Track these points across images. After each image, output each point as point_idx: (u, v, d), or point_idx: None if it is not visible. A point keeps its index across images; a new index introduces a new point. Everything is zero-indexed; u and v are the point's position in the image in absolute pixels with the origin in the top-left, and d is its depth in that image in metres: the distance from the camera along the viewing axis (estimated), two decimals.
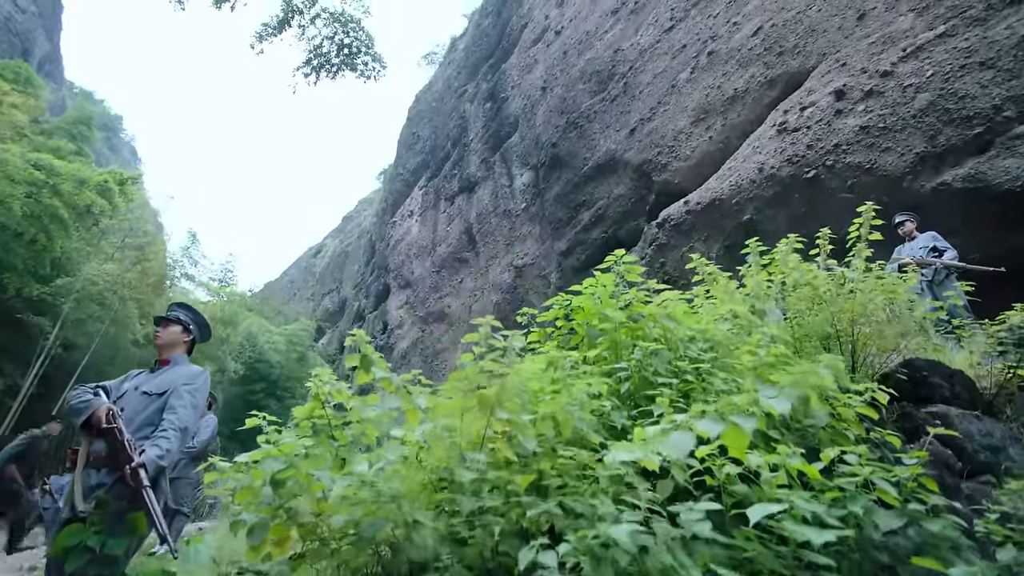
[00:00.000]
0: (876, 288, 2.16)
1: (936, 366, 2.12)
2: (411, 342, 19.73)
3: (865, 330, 2.11)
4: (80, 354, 12.39)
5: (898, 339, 2.13)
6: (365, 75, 7.78)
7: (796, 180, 8.03)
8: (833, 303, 2.10)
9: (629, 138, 11.17)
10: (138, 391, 2.80)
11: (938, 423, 1.85)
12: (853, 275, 2.16)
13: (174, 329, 3.12)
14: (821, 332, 2.12)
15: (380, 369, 1.28)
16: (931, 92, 6.84)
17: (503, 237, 15.80)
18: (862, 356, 2.17)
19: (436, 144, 20.58)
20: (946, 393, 2.05)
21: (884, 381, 2.09)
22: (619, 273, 2.17)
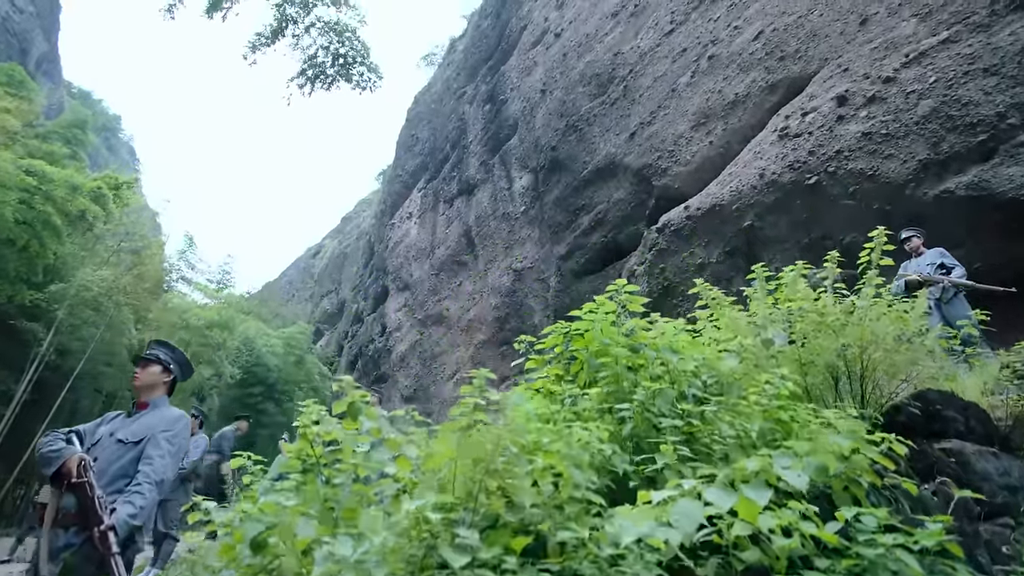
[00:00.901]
0: (886, 315, 2.09)
1: (950, 398, 2.05)
2: (409, 345, 19.66)
3: (874, 356, 2.04)
4: (75, 360, 12.30)
5: (909, 366, 2.06)
6: (361, 86, 7.66)
7: (797, 186, 7.96)
8: (842, 333, 2.03)
9: (629, 142, 11.10)
10: (113, 438, 2.64)
11: (953, 461, 1.79)
12: (863, 303, 2.08)
13: (153, 370, 2.97)
14: (829, 361, 2.04)
15: (368, 418, 1.21)
16: (934, 98, 6.77)
17: (502, 240, 15.73)
18: (871, 383, 2.10)
19: (435, 146, 20.51)
20: (960, 427, 1.98)
21: (895, 413, 2.02)
22: (621, 303, 2.09)
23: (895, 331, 2.06)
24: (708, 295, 2.71)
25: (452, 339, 17.82)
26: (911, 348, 2.08)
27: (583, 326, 2.10)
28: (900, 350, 2.04)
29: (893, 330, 2.06)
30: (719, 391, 1.76)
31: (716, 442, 1.46)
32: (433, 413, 18.52)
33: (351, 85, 7.70)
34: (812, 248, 8.31)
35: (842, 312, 2.09)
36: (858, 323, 2.01)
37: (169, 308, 15.39)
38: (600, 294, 9.32)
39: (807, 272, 7.61)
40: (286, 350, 20.94)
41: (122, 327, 13.56)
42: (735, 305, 2.75)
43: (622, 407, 1.56)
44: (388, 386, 21.17)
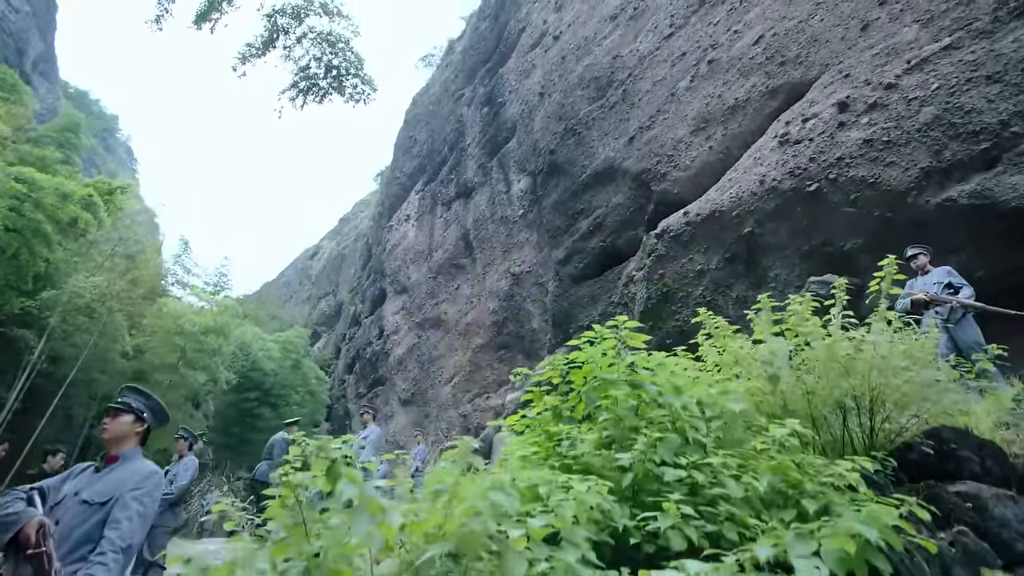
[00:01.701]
0: (897, 350, 2.01)
1: (964, 436, 1.96)
2: (407, 348, 19.57)
3: (884, 391, 1.96)
4: (68, 367, 12.16)
5: (920, 401, 1.98)
6: (354, 98, 7.49)
7: (798, 193, 7.89)
8: (852, 369, 1.95)
9: (628, 146, 11.01)
10: (78, 498, 2.44)
11: (969, 506, 1.71)
12: (874, 338, 2.00)
13: (124, 420, 2.73)
14: (838, 397, 1.96)
15: (350, 484, 1.12)
16: (936, 106, 6.70)
17: (500, 244, 15.64)
18: (880, 416, 2.02)
19: (433, 148, 20.42)
20: (976, 468, 1.89)
21: (907, 451, 1.94)
22: (621, 339, 2.01)
23: (906, 366, 1.98)
24: (711, 323, 2.61)
25: (450, 343, 17.73)
26: (922, 381, 1.99)
27: (582, 356, 2.01)
28: (911, 382, 1.95)
29: (904, 365, 1.97)
30: (723, 430, 1.67)
31: (721, 498, 1.37)
32: (430, 416, 18.44)
33: (344, 98, 7.51)
34: (813, 255, 8.25)
35: (852, 348, 2.01)
36: (868, 359, 1.93)
37: (164, 314, 15.26)
38: (599, 299, 9.31)
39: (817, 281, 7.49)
40: (283, 354, 20.83)
41: (116, 333, 13.43)
42: (737, 332, 2.65)
43: (623, 457, 1.47)
44: (386, 389, 21.08)
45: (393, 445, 19.85)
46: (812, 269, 8.29)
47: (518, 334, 15.21)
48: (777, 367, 1.95)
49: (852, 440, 2.01)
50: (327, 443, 1.23)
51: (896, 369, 1.94)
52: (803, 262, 8.36)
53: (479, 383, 16.61)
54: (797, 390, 2.00)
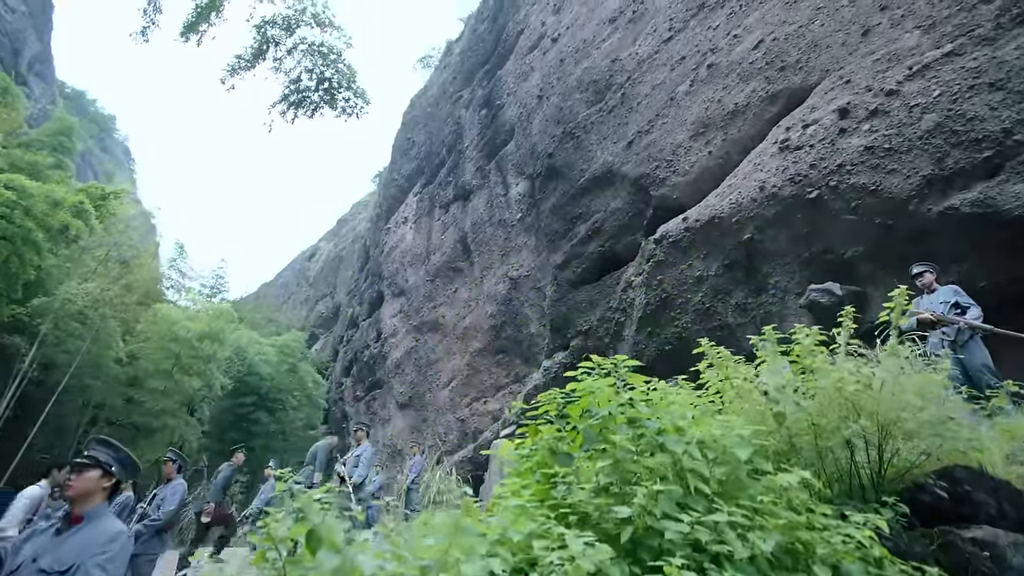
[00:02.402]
0: (910, 386, 1.93)
1: (979, 477, 1.88)
2: (405, 351, 19.47)
3: (893, 429, 1.88)
4: (60, 374, 12.02)
5: (932, 437, 1.89)
6: (346, 112, 7.34)
7: (798, 200, 7.81)
8: (860, 407, 1.87)
9: (627, 151, 10.93)
10: (36, 565, 2.25)
11: (986, 555, 1.63)
12: (884, 375, 1.92)
13: (91, 476, 2.51)
14: (847, 436, 1.87)
15: (330, 552, 1.03)
16: (938, 113, 6.63)
17: (498, 247, 15.55)
18: (890, 451, 1.93)
19: (431, 150, 20.33)
20: (992, 511, 1.81)
21: (918, 493, 1.86)
22: (620, 377, 1.92)
23: (919, 403, 1.89)
24: (713, 353, 2.53)
25: (447, 346, 17.63)
26: (935, 419, 1.91)
27: (580, 388, 1.93)
28: (923, 419, 1.87)
29: (917, 403, 1.89)
30: (727, 474, 1.59)
31: (726, 558, 1.29)
32: (428, 420, 18.34)
33: (335, 112, 7.36)
34: (813, 262, 8.18)
35: (861, 383, 1.93)
36: (878, 397, 1.85)
37: (158, 319, 15.12)
38: (597, 304, 9.19)
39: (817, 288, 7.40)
40: (279, 358, 20.71)
41: (109, 340, 13.29)
42: (739, 362, 2.57)
43: (621, 510, 1.39)
44: (383, 392, 20.97)
45: (391, 448, 19.76)
46: (812, 276, 8.22)
47: (516, 338, 15.13)
48: (783, 404, 1.87)
49: (859, 475, 1.93)
50: (309, 500, 1.14)
51: (908, 405, 1.86)
52: (803, 269, 8.29)
53: (477, 387, 16.52)
54: (802, 423, 1.92)
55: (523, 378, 15.08)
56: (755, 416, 1.97)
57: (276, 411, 19.67)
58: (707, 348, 2.55)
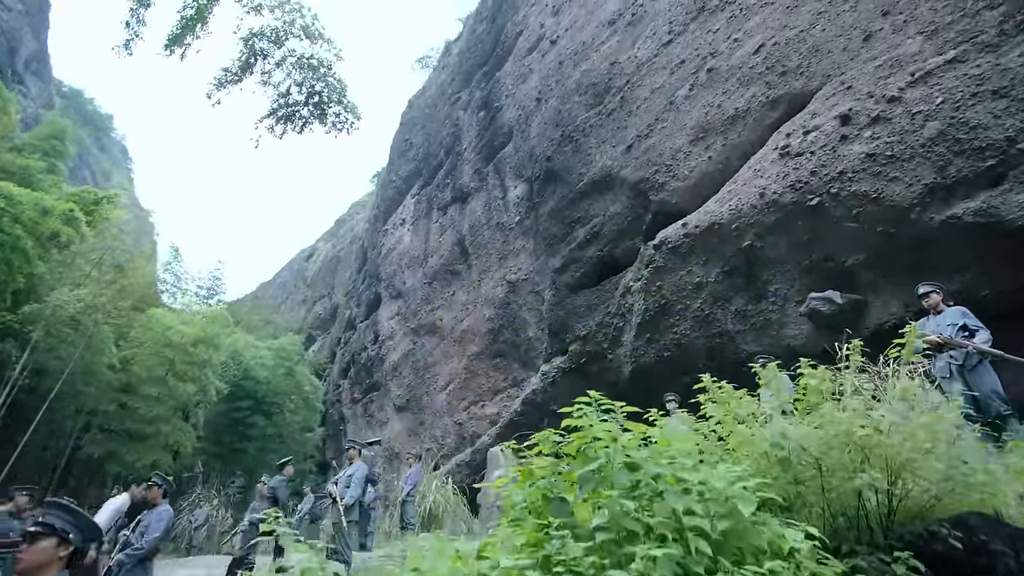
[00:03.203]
0: (921, 428, 1.84)
1: (995, 526, 1.79)
2: (402, 354, 19.36)
3: (904, 471, 1.79)
4: (52, 380, 11.87)
5: (945, 481, 1.81)
6: (336, 127, 7.17)
7: (799, 207, 7.73)
8: (870, 451, 1.79)
9: (626, 155, 10.84)
10: None
11: None
12: (894, 418, 1.83)
13: (44, 546, 2.24)
14: (855, 487, 1.79)
15: None
16: (941, 120, 6.55)
17: (496, 251, 15.45)
18: (899, 495, 1.85)
19: (429, 152, 20.21)
20: (1011, 562, 1.71)
21: (931, 541, 1.77)
22: (617, 420, 1.84)
23: (930, 446, 1.81)
24: (715, 389, 2.44)
25: (445, 349, 17.53)
26: (947, 462, 1.83)
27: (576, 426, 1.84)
28: (935, 464, 1.78)
29: (928, 446, 1.81)
30: (730, 526, 1.50)
31: None
32: (425, 423, 18.25)
33: (325, 128, 7.19)
34: (813, 270, 8.10)
35: (871, 430, 1.84)
36: (889, 442, 1.77)
37: (152, 324, 14.95)
38: (596, 309, 9.10)
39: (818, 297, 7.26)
40: (276, 362, 20.58)
41: (102, 346, 13.13)
42: (742, 397, 2.48)
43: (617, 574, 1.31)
44: (380, 395, 20.87)
45: (388, 452, 19.67)
46: (813, 284, 8.14)
47: (514, 342, 15.03)
48: (787, 450, 1.78)
49: (868, 518, 1.85)
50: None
51: (918, 448, 1.78)
52: (803, 277, 8.22)
53: (474, 391, 16.42)
54: (809, 467, 1.83)
55: (521, 382, 14.98)
56: (757, 452, 1.88)
57: (273, 415, 19.55)
58: (708, 383, 2.45)
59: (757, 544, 1.48)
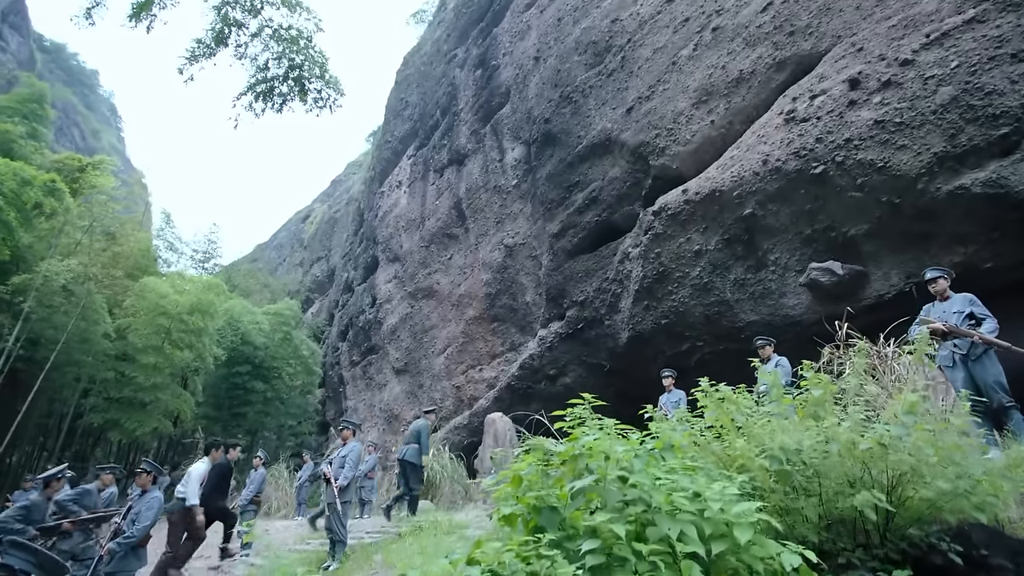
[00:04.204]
0: (924, 443, 1.76)
1: (996, 538, 1.73)
2: (400, 317, 19.35)
3: (905, 481, 1.72)
4: (48, 350, 11.76)
5: (948, 495, 1.73)
6: (318, 105, 6.73)
7: (803, 175, 7.52)
8: (872, 464, 1.72)
9: (626, 117, 10.51)
10: None
11: None
12: (899, 432, 1.75)
13: None
14: (856, 504, 1.71)
15: None
16: (955, 85, 6.28)
17: (493, 214, 15.22)
18: (897, 502, 1.79)
19: (425, 112, 19.69)
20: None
21: (930, 554, 1.71)
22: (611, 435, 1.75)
23: (936, 461, 1.73)
24: (711, 392, 2.35)
25: (443, 313, 17.51)
26: (949, 473, 1.76)
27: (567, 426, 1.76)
28: (939, 485, 1.71)
29: (934, 460, 1.73)
30: (725, 550, 1.44)
31: None
32: (424, 386, 18.40)
33: (306, 106, 6.76)
34: (815, 240, 7.96)
35: (873, 443, 1.76)
36: (891, 454, 1.69)
37: (145, 294, 14.74)
38: (593, 275, 8.94)
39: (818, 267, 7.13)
40: (273, 327, 20.54)
41: (96, 315, 12.98)
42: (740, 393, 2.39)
43: None
44: (379, 358, 20.98)
45: (387, 414, 19.91)
46: (814, 254, 8.01)
47: (512, 307, 14.97)
48: (785, 463, 1.71)
49: (866, 525, 1.79)
50: None
51: (923, 463, 1.71)
52: (804, 246, 8.08)
53: (472, 354, 16.49)
54: (808, 479, 1.77)
55: (519, 347, 15.01)
56: (756, 465, 1.81)
57: (272, 379, 19.65)
58: (705, 388, 2.36)
59: (752, 565, 1.42)
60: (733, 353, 10.01)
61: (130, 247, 14.98)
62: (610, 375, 12.59)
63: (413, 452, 8.11)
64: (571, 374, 13.24)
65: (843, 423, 1.80)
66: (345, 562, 5.06)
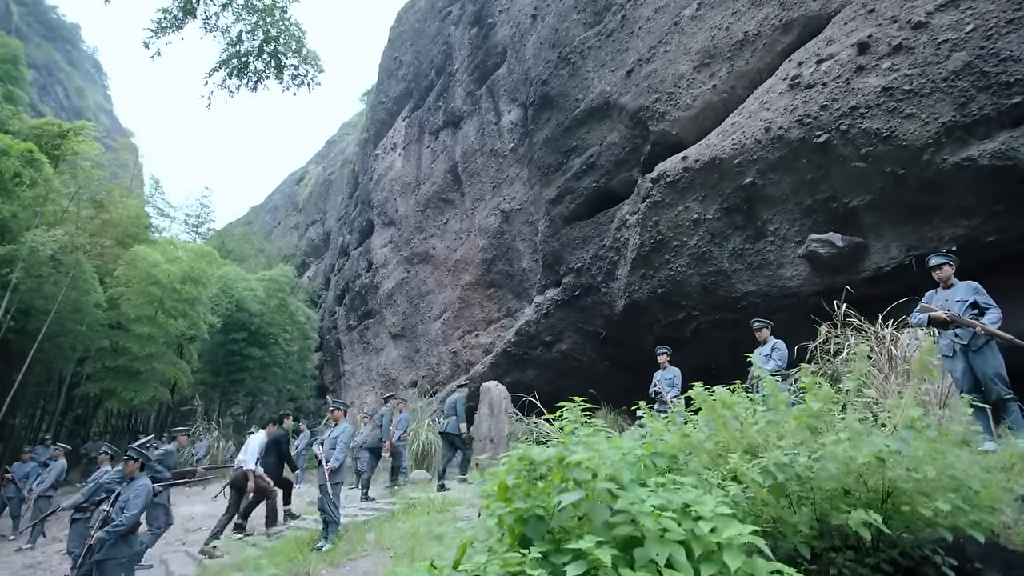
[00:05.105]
0: (923, 458, 1.70)
1: (992, 551, 1.69)
2: (396, 282, 19.27)
3: (900, 491, 1.67)
4: (40, 321, 11.62)
5: (938, 514, 1.67)
6: (295, 83, 6.31)
7: (805, 144, 7.32)
8: (869, 476, 1.66)
9: (625, 80, 10.18)
10: None
11: None
12: (898, 446, 1.68)
13: None
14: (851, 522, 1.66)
15: None
16: (968, 51, 6.03)
17: (489, 179, 14.94)
18: (892, 508, 1.74)
19: (419, 71, 19.10)
20: None
21: (923, 566, 1.67)
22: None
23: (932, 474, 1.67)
24: (706, 397, 2.26)
25: (439, 279, 17.42)
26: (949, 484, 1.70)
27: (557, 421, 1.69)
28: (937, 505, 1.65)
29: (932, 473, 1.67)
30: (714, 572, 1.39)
31: None
32: (421, 351, 18.47)
33: (283, 84, 6.35)
34: (815, 210, 7.81)
35: (872, 458, 1.69)
36: (889, 470, 1.63)
37: (136, 263, 14.44)
38: (590, 242, 8.80)
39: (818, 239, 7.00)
40: (268, 293, 20.41)
41: (86, 286, 12.76)
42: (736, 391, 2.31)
43: None
44: (376, 322, 20.98)
45: (384, 378, 20.05)
46: (814, 225, 7.88)
47: (508, 273, 14.87)
48: (780, 478, 1.65)
49: (859, 535, 1.75)
50: None
51: (922, 479, 1.65)
52: (804, 217, 7.93)
53: (469, 320, 16.48)
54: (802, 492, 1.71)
55: (515, 313, 14.98)
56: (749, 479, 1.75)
57: (268, 345, 19.68)
58: (698, 393, 2.28)
59: None
60: (729, 323, 10.00)
61: (119, 214, 14.64)
62: (606, 343, 12.60)
63: (453, 424, 8.59)
64: (567, 341, 13.26)
65: (840, 436, 1.73)
66: (338, 542, 5.12)
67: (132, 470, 5.11)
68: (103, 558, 4.43)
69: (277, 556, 4.91)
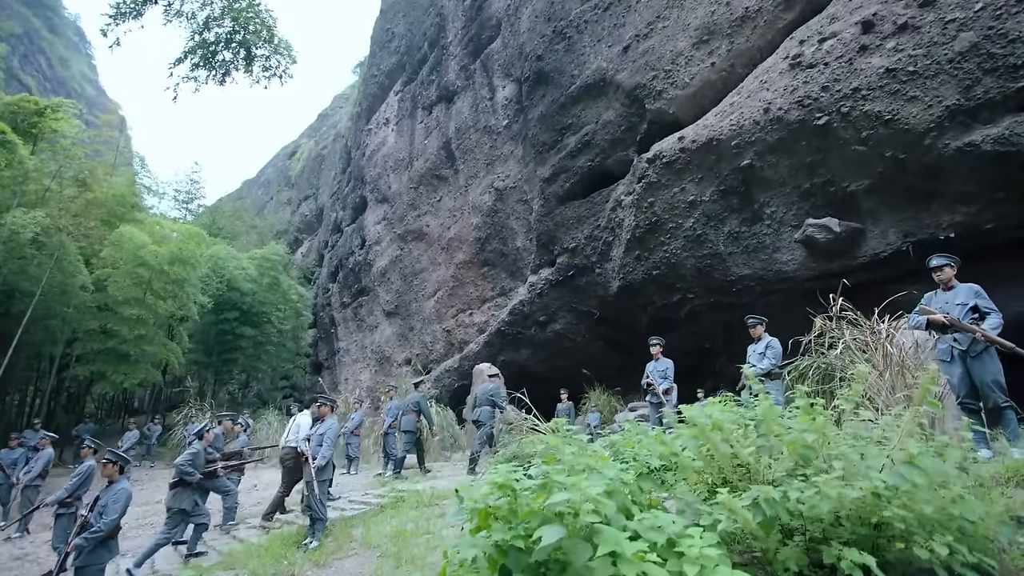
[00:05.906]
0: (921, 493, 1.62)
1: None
2: (390, 260, 19.10)
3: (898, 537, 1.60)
4: (25, 303, 11.41)
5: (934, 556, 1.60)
6: (266, 75, 5.96)
7: (805, 126, 7.14)
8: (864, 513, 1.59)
9: (622, 56, 9.90)
10: None
11: None
12: (896, 482, 1.60)
13: None
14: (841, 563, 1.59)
15: None
16: (976, 31, 5.83)
17: (483, 156, 14.68)
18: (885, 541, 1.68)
19: (412, 44, 18.61)
20: None
21: None
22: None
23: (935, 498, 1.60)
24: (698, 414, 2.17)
25: (432, 257, 17.27)
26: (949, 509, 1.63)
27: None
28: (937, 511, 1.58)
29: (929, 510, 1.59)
30: None
31: None
32: (415, 329, 18.41)
33: (252, 77, 6.01)
34: (813, 194, 7.68)
35: (868, 493, 1.61)
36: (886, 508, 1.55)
37: (123, 244, 14.10)
38: (585, 221, 8.65)
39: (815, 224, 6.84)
40: (260, 272, 20.16)
41: (71, 268, 12.49)
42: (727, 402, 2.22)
43: None
44: (370, 299, 20.88)
45: (379, 355, 20.03)
46: (811, 209, 7.76)
47: (502, 252, 14.73)
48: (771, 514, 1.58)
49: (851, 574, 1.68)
50: None
51: (918, 516, 1.58)
52: (802, 201, 7.80)
53: (462, 299, 16.39)
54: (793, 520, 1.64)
55: (509, 292, 14.88)
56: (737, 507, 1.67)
57: (261, 324, 19.55)
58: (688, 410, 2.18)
59: None
60: (724, 306, 9.95)
61: (104, 193, 14.26)
62: (599, 323, 12.56)
63: (487, 414, 8.68)
64: (561, 321, 13.21)
65: (834, 468, 1.65)
66: (324, 539, 5.10)
67: (111, 473, 4.95)
68: (83, 564, 4.36)
69: (263, 554, 4.89)
